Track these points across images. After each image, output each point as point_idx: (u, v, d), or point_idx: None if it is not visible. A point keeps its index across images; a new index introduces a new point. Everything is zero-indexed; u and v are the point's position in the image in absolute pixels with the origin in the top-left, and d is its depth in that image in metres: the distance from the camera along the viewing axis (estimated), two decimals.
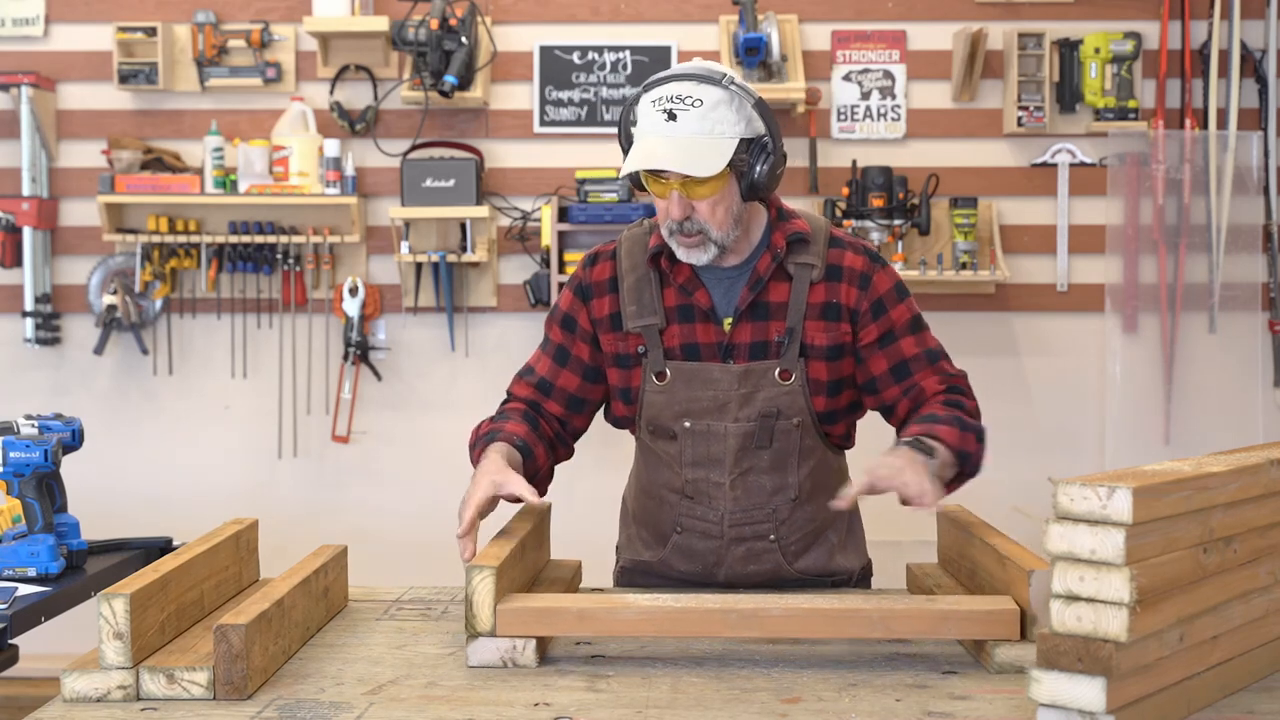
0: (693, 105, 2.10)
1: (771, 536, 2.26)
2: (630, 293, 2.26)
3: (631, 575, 2.41)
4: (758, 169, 2.15)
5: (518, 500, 2.16)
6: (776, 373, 2.21)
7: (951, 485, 2.19)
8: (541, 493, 2.31)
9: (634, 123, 2.18)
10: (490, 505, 2.14)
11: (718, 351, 2.23)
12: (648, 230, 2.29)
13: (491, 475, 2.14)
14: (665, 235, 2.19)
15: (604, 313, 2.29)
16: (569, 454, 2.39)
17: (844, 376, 2.27)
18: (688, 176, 2.10)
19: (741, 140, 2.12)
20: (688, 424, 2.24)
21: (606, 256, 2.32)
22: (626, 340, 2.26)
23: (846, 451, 2.39)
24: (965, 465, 2.17)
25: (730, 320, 2.23)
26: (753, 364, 2.21)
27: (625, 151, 2.21)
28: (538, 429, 2.30)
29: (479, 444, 2.28)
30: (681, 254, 2.19)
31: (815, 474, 2.28)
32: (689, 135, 2.09)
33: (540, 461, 2.29)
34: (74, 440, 2.57)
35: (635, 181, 2.21)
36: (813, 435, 2.25)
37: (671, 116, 2.10)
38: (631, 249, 2.29)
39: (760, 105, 2.16)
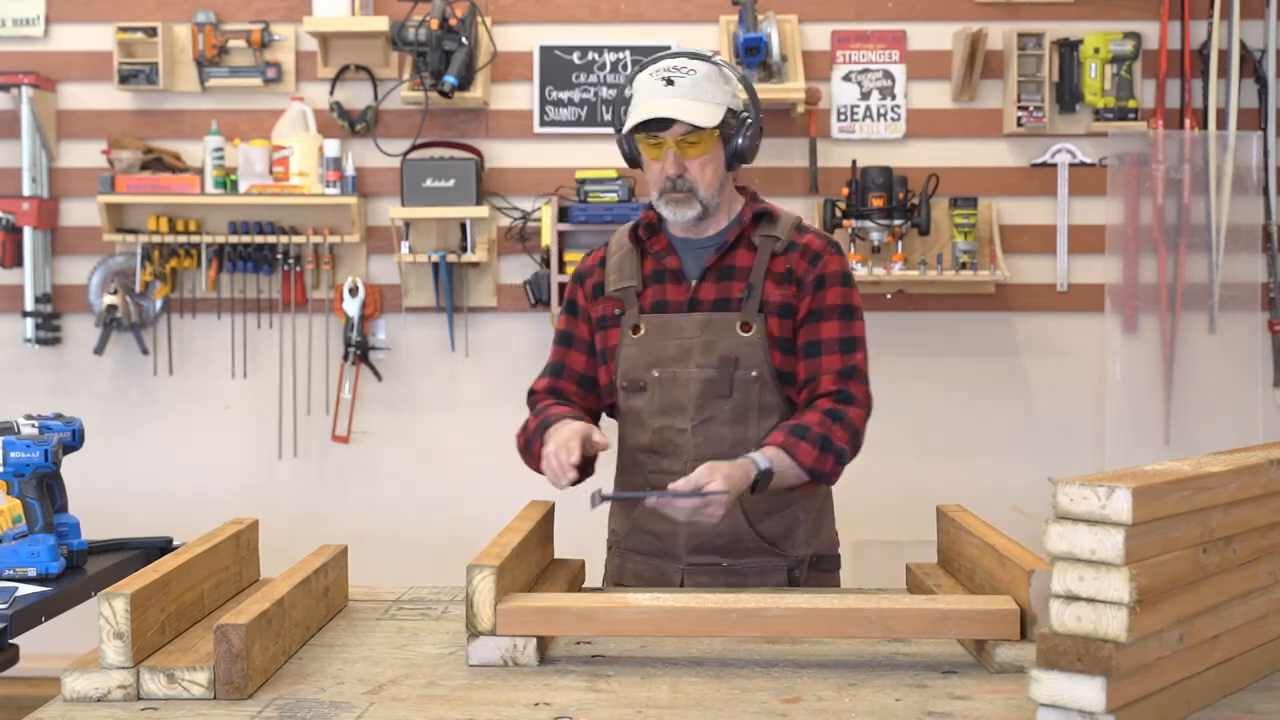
0: (688, 74, 2.33)
1: None
2: (614, 266, 2.49)
3: (619, 564, 2.51)
4: (741, 137, 2.40)
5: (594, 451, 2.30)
6: (738, 324, 2.38)
7: (796, 488, 2.35)
8: (591, 471, 2.39)
9: (631, 95, 2.39)
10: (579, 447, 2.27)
11: (684, 307, 2.41)
12: (635, 224, 2.50)
13: (577, 431, 2.28)
14: (655, 198, 2.40)
15: (592, 283, 2.51)
16: None
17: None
18: (683, 137, 2.32)
19: (728, 110, 2.36)
20: (656, 373, 2.40)
21: (600, 247, 2.57)
22: (607, 304, 2.47)
23: None
24: (819, 480, 2.34)
25: (697, 280, 2.41)
26: (714, 314, 2.39)
27: (621, 121, 2.40)
28: (574, 406, 2.48)
29: (536, 436, 2.38)
30: (669, 211, 2.39)
31: None
32: (685, 96, 2.32)
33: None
34: (74, 440, 2.57)
35: (630, 157, 2.44)
36: (773, 391, 2.37)
37: (670, 82, 2.32)
38: (620, 238, 2.52)
39: (745, 81, 2.42)
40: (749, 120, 2.41)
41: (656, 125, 2.33)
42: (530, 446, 2.41)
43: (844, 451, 2.32)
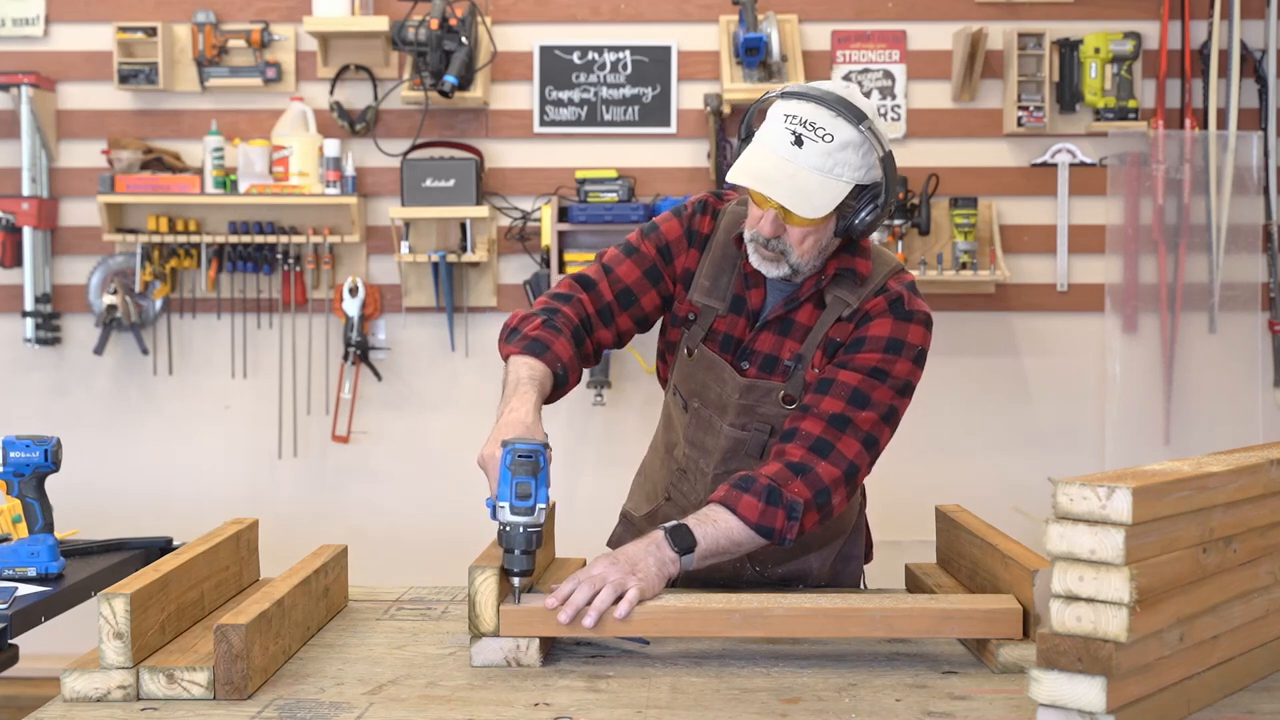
0: (822, 138, 2.05)
1: None
2: (711, 266, 2.25)
3: (621, 533, 2.45)
4: (860, 216, 2.11)
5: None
6: (780, 395, 2.19)
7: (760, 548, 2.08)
8: (562, 390, 2.19)
9: (758, 122, 2.14)
10: None
11: (736, 348, 2.22)
12: (741, 232, 2.23)
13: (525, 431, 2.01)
14: (747, 239, 2.16)
15: (687, 266, 2.27)
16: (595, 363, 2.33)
17: None
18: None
19: (856, 186, 2.08)
20: (696, 405, 2.27)
21: (713, 213, 2.29)
22: (684, 303, 2.27)
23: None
24: (771, 538, 2.05)
25: (759, 326, 2.22)
26: (759, 380, 2.20)
27: (750, 129, 2.16)
28: (581, 348, 2.21)
29: (521, 344, 2.14)
30: (755, 261, 2.15)
31: None
32: (808, 168, 2.05)
33: (572, 384, 2.21)
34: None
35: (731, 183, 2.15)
36: None
37: (798, 142, 2.05)
38: (730, 224, 2.25)
39: (887, 159, 2.09)
40: (878, 199, 2.10)
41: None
42: (512, 339, 2.16)
43: (796, 505, 2.03)
